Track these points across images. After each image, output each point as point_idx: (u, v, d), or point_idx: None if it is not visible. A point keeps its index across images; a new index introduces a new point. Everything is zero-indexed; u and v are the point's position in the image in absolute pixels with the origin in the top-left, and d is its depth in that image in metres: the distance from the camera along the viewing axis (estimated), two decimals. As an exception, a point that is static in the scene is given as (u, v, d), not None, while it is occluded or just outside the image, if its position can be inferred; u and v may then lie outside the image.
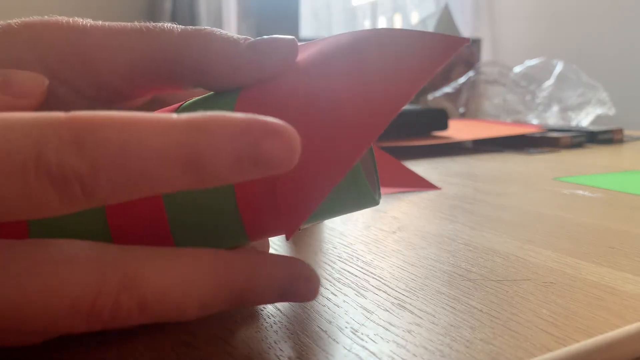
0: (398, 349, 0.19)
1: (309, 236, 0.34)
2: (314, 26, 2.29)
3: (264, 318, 0.22)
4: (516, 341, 0.20)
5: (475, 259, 0.29)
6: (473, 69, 1.12)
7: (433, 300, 0.24)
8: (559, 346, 0.19)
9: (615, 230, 0.34)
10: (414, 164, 0.64)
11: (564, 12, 2.18)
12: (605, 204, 0.42)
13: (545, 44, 2.25)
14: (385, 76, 0.18)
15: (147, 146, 0.13)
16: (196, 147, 0.13)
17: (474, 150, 0.76)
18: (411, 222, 0.37)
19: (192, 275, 0.17)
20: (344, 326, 0.21)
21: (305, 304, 0.23)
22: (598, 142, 0.84)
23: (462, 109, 1.07)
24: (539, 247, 0.31)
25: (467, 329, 0.21)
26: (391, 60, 0.18)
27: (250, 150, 0.14)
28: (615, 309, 0.23)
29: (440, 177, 0.55)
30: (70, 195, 0.13)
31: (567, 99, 1.00)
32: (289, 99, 0.19)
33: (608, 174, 0.56)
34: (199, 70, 0.21)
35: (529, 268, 0.28)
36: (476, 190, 0.48)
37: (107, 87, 0.22)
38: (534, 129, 0.81)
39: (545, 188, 0.49)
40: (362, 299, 0.24)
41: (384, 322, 0.22)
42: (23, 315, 0.15)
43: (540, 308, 0.23)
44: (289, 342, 0.20)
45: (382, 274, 0.27)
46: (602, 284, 0.25)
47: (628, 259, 0.29)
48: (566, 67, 1.03)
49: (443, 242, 0.32)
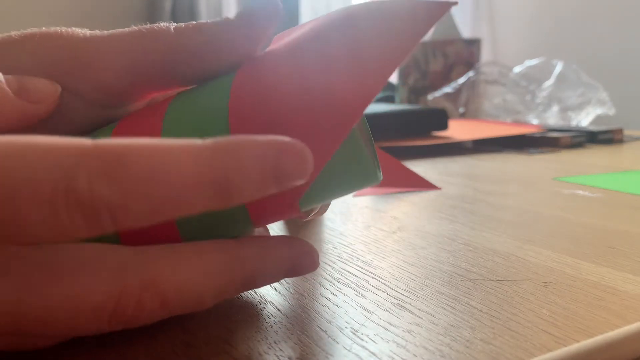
0: (398, 349, 0.19)
1: (309, 236, 0.34)
2: (314, 26, 2.30)
3: (264, 318, 0.22)
4: (516, 341, 0.20)
5: (475, 259, 0.29)
6: (473, 69, 1.12)
7: (433, 300, 0.24)
8: (559, 346, 0.19)
9: (616, 230, 0.34)
10: (414, 164, 0.64)
11: (564, 12, 2.18)
12: (605, 204, 0.42)
13: (545, 44, 2.25)
14: (378, 43, 0.19)
15: (177, 174, 0.13)
16: (226, 171, 0.14)
17: (474, 150, 0.76)
18: (411, 222, 0.37)
19: (207, 268, 0.18)
20: (344, 326, 0.21)
21: (305, 304, 0.23)
22: (598, 142, 0.84)
23: (462, 109, 1.07)
24: (539, 247, 0.31)
25: (467, 329, 0.21)
26: (383, 27, 0.19)
27: (273, 168, 0.14)
28: (616, 309, 0.23)
29: (440, 177, 0.55)
30: (98, 223, 0.13)
31: (567, 99, 1.00)
32: (283, 74, 0.20)
33: (608, 174, 0.56)
34: (196, 61, 0.22)
35: (529, 268, 0.28)
36: (476, 191, 0.48)
37: (108, 91, 0.22)
38: (534, 129, 0.81)
39: (545, 188, 0.49)
40: (362, 299, 0.24)
41: (384, 322, 0.22)
42: (47, 320, 0.15)
43: (540, 308, 0.23)
44: (289, 342, 0.20)
45: (382, 274, 0.27)
46: (602, 284, 0.25)
47: (628, 259, 0.29)
48: (566, 67, 1.03)
49: (443, 242, 0.32)
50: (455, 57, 1.17)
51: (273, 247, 0.20)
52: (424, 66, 1.17)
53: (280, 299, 0.24)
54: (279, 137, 0.15)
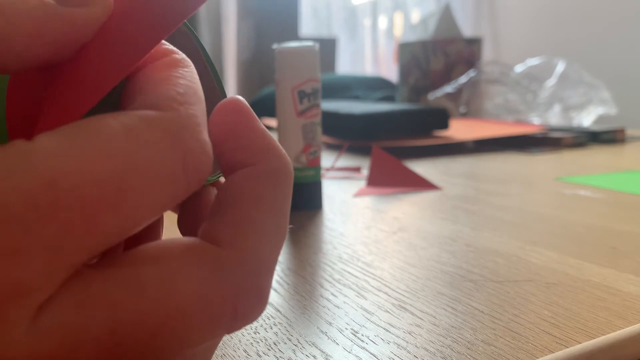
0: (399, 350, 0.19)
1: (309, 237, 0.34)
2: (314, 25, 2.29)
3: (263, 319, 0.22)
4: (518, 342, 0.20)
5: (476, 260, 0.29)
6: (474, 68, 1.12)
7: (434, 301, 0.24)
8: (561, 347, 0.19)
9: (618, 231, 0.34)
10: (414, 163, 0.64)
11: (566, 11, 2.18)
12: (607, 204, 0.42)
13: (546, 43, 2.25)
14: None
15: None
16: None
17: (475, 150, 0.76)
18: (412, 223, 0.37)
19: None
20: (344, 327, 0.21)
21: (306, 305, 0.23)
22: (600, 142, 0.84)
23: (463, 108, 1.07)
24: (540, 248, 0.31)
25: (468, 330, 0.21)
26: None
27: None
28: (618, 310, 0.22)
29: (441, 177, 0.55)
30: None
31: (569, 99, 1.00)
32: None
33: (610, 174, 0.55)
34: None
35: (531, 269, 0.28)
36: (477, 191, 0.48)
37: None
38: (535, 129, 0.81)
39: (547, 188, 0.49)
40: (363, 300, 0.24)
41: (385, 323, 0.22)
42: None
43: (542, 309, 0.23)
44: (288, 343, 0.20)
45: (383, 274, 0.27)
46: (604, 285, 0.25)
47: (630, 259, 0.29)
48: (568, 66, 1.03)
49: (444, 242, 0.32)
50: (456, 57, 1.17)
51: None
52: (424, 65, 1.17)
53: (281, 300, 0.24)
54: None
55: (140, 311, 0.12)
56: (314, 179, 0.41)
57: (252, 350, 0.20)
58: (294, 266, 0.28)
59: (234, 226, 0.13)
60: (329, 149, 0.77)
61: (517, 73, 1.06)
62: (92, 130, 0.11)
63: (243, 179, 0.14)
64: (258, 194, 0.14)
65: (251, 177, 0.14)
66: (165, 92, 0.13)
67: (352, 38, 2.40)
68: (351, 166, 0.60)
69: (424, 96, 1.18)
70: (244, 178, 0.14)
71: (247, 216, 0.14)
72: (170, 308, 0.12)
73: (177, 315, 0.12)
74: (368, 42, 2.42)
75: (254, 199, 0.14)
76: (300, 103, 0.40)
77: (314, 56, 0.40)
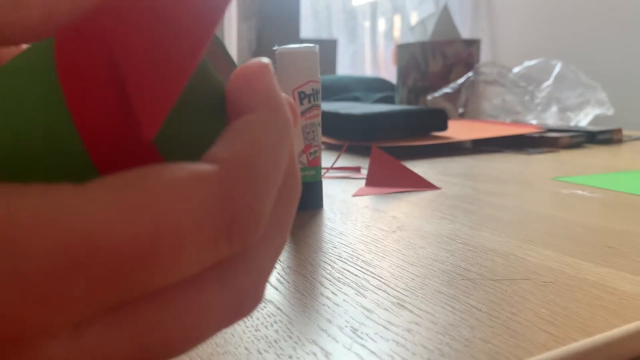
0: (397, 347, 0.20)
1: (309, 236, 0.34)
2: (314, 27, 2.29)
3: (263, 317, 0.22)
4: (515, 340, 0.20)
5: (474, 259, 0.29)
6: (472, 69, 1.12)
7: (432, 299, 0.24)
8: (558, 345, 0.19)
9: (615, 230, 0.35)
10: (413, 164, 0.64)
11: (563, 13, 2.18)
12: (604, 204, 0.42)
13: (544, 45, 2.25)
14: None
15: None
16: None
17: (473, 151, 0.77)
18: (411, 222, 0.37)
19: None
20: (344, 325, 0.21)
21: (306, 303, 0.24)
22: (597, 142, 0.84)
23: (461, 109, 1.07)
24: (538, 247, 0.31)
25: (466, 328, 0.21)
26: None
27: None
28: (614, 309, 0.23)
29: (439, 177, 0.55)
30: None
31: (566, 99, 1.00)
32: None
33: (607, 174, 0.56)
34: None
35: (528, 267, 0.28)
36: (475, 190, 0.48)
37: None
38: (533, 129, 0.82)
39: (545, 188, 0.49)
40: (362, 298, 0.24)
41: (384, 321, 0.22)
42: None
43: (540, 307, 0.23)
44: (289, 340, 0.20)
45: (382, 273, 0.27)
46: (601, 283, 0.26)
47: (627, 258, 0.29)
48: (565, 67, 1.03)
49: (442, 241, 0.33)
50: (454, 58, 1.17)
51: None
52: (423, 67, 1.17)
53: (281, 298, 0.24)
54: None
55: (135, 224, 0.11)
56: (315, 178, 0.41)
57: (253, 348, 0.20)
58: (294, 265, 0.29)
59: (230, 142, 0.13)
60: (329, 149, 0.77)
61: (515, 74, 1.06)
62: (140, 184, 0.11)
63: (242, 122, 0.14)
64: (254, 135, 0.14)
65: (250, 122, 0.14)
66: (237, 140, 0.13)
67: (351, 40, 2.40)
68: (351, 166, 0.60)
69: (423, 97, 1.18)
70: (244, 122, 0.14)
71: (243, 137, 0.14)
72: (165, 222, 0.12)
73: (170, 229, 0.12)
74: (367, 44, 2.43)
75: (250, 139, 0.14)
76: (301, 104, 0.40)
77: (314, 58, 0.40)
